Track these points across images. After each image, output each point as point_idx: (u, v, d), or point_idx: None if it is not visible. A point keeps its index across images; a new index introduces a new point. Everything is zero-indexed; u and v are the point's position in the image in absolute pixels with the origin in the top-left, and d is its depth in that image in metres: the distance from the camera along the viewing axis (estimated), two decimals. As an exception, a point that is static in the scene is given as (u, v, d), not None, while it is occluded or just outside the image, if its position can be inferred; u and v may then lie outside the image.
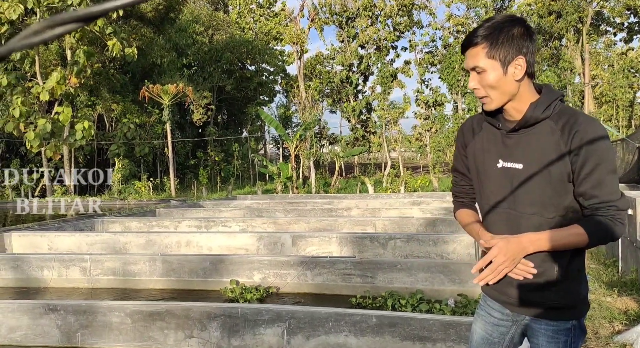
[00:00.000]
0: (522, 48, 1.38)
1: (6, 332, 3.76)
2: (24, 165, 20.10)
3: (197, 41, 24.80)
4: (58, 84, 15.25)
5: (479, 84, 1.43)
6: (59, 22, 0.27)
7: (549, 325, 1.47)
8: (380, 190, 15.39)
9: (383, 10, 26.85)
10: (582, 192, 1.38)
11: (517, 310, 1.52)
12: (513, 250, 1.38)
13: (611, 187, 1.37)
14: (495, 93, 1.41)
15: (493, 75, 1.39)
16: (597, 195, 1.36)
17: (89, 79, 16.46)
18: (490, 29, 1.39)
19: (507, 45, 1.37)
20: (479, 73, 1.41)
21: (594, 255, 5.83)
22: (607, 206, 1.36)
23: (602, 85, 24.19)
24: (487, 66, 1.39)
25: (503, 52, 1.37)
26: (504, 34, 1.37)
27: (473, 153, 1.58)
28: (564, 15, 23.72)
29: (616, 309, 3.86)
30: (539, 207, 1.43)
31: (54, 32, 0.28)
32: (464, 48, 1.45)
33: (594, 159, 1.35)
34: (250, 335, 3.45)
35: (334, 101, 30.01)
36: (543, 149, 1.40)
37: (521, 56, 1.38)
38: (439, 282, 4.82)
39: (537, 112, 1.40)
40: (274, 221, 8.02)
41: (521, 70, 1.39)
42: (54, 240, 6.94)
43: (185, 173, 24.16)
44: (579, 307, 1.48)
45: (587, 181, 1.36)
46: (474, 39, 1.41)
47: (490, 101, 1.43)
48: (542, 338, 1.49)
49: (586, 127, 1.36)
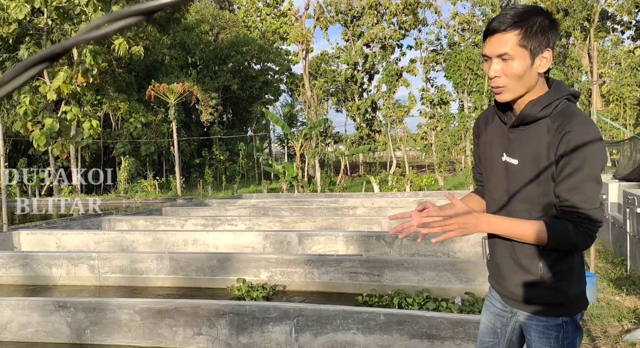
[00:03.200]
0: (551, 41, 1.36)
1: (17, 329, 3.79)
2: (31, 164, 20.24)
3: (203, 40, 24.85)
4: (65, 84, 15.34)
5: (502, 71, 1.36)
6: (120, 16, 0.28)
7: (539, 321, 1.48)
8: (385, 189, 15.38)
9: (388, 8, 26.80)
10: (557, 194, 1.36)
11: (510, 302, 1.55)
12: (468, 221, 1.38)
13: (587, 195, 1.32)
14: (516, 83, 1.37)
15: (520, 65, 1.34)
16: (569, 199, 1.33)
17: (96, 78, 16.55)
18: (522, 17, 1.33)
19: (540, 36, 1.33)
20: (505, 60, 1.35)
21: (601, 254, 5.80)
22: (577, 212, 1.33)
23: (610, 83, 24.04)
24: (517, 54, 1.33)
25: (535, 42, 1.33)
26: (538, 24, 1.33)
27: (484, 144, 1.60)
28: (571, 13, 23.57)
29: (625, 308, 3.85)
30: (529, 205, 1.43)
31: (114, 26, 0.28)
32: (491, 32, 1.37)
33: (575, 162, 1.31)
34: (259, 332, 3.46)
35: (339, 100, 29.98)
36: (536, 147, 1.40)
37: (549, 49, 1.36)
38: (445, 280, 4.81)
39: (534, 110, 1.39)
40: (280, 220, 8.03)
41: (547, 63, 1.36)
42: (62, 238, 6.99)
43: (190, 172, 24.23)
44: (570, 305, 1.46)
45: (563, 183, 1.34)
46: (503, 25, 1.34)
47: (507, 91, 1.39)
48: (534, 334, 1.50)
49: (577, 129, 1.33)
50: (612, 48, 26.59)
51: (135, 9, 0.28)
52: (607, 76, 24.63)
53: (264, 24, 28.88)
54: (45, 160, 19.99)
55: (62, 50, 0.29)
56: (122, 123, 22.20)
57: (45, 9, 15.69)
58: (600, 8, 24.02)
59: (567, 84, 23.02)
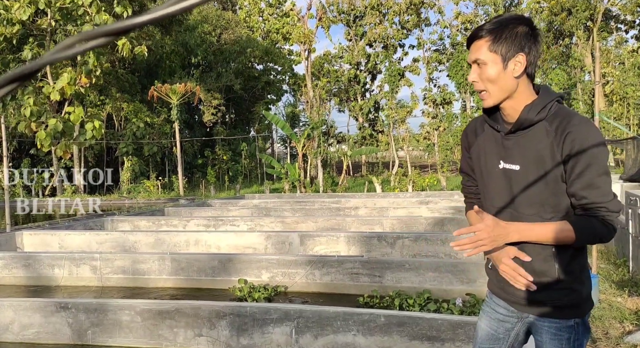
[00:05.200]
0: (524, 47, 1.41)
1: (19, 330, 3.81)
2: (35, 164, 20.32)
3: (205, 41, 24.89)
4: (68, 85, 15.40)
5: (478, 77, 1.45)
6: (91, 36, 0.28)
7: (552, 322, 1.49)
8: (388, 189, 15.36)
9: (391, 8, 26.77)
10: (572, 193, 1.40)
11: (521, 308, 1.55)
12: (497, 232, 1.40)
13: (602, 189, 1.38)
14: (493, 88, 1.43)
15: (493, 69, 1.41)
16: (587, 196, 1.38)
17: (99, 79, 16.60)
18: (495, 25, 1.42)
19: (510, 41, 1.40)
20: (480, 66, 1.44)
21: (604, 255, 5.78)
22: (597, 207, 1.38)
23: (613, 83, 23.94)
24: (488, 59, 1.41)
25: (505, 47, 1.40)
26: (508, 31, 1.40)
27: (477, 154, 1.61)
28: (575, 12, 23.49)
29: (627, 309, 3.83)
30: (537, 208, 1.45)
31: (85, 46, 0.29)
32: (469, 41, 1.48)
33: (584, 160, 1.36)
34: (259, 334, 3.47)
35: (341, 100, 29.98)
36: (538, 150, 1.42)
37: (522, 53, 1.40)
38: (447, 281, 4.80)
39: (532, 114, 1.42)
40: (282, 220, 8.04)
41: (520, 67, 1.41)
42: (65, 238, 7.02)
43: (193, 172, 24.28)
44: (582, 305, 1.49)
45: (577, 182, 1.38)
46: (479, 32, 1.44)
47: (488, 96, 1.46)
48: (545, 336, 1.51)
49: (578, 128, 1.37)
50: (615, 48, 26.48)
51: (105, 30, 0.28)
52: (611, 76, 24.53)
53: (267, 24, 28.90)
54: (49, 161, 20.07)
55: (33, 70, 0.29)
56: (125, 123, 22.26)
57: (48, 10, 15.75)
58: (604, 7, 23.93)
59: (570, 83, 22.99)
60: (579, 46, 24.34)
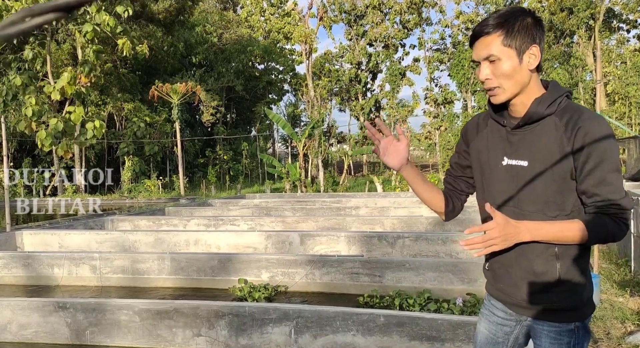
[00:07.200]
0: (536, 38, 1.37)
1: (17, 329, 3.80)
2: (36, 164, 20.33)
3: (206, 40, 24.88)
4: (69, 84, 15.39)
5: (492, 73, 1.39)
6: (37, 11, 0.26)
7: (551, 326, 1.45)
8: (389, 188, 15.34)
9: (392, 7, 26.73)
10: (584, 190, 1.35)
11: (519, 311, 1.51)
12: (508, 231, 1.35)
13: (614, 186, 1.33)
14: (509, 83, 1.38)
15: (509, 64, 1.36)
16: (599, 193, 1.33)
17: (100, 78, 16.59)
18: (503, 18, 1.36)
19: (523, 34, 1.35)
20: (493, 62, 1.38)
21: (605, 255, 5.75)
22: (609, 204, 1.33)
23: (615, 82, 23.87)
24: (503, 54, 1.36)
25: (519, 40, 1.35)
26: (519, 22, 1.35)
27: (477, 150, 1.56)
28: (576, 11, 23.41)
29: (628, 310, 3.80)
30: (541, 205, 1.40)
31: (32, 22, 0.26)
32: (474, 38, 1.41)
33: (596, 156, 1.32)
34: (258, 334, 3.45)
35: (342, 99, 29.95)
36: (547, 145, 1.38)
37: (535, 45, 1.36)
38: (447, 281, 4.78)
39: (541, 108, 1.38)
40: (282, 220, 8.02)
41: (535, 59, 1.37)
42: (65, 238, 7.01)
43: (194, 172, 24.28)
44: (583, 308, 1.45)
45: (589, 178, 1.34)
46: (485, 28, 1.38)
47: (502, 92, 1.40)
48: (545, 340, 1.46)
49: (590, 123, 1.33)
50: (617, 47, 26.41)
51: (53, 4, 0.26)
52: (612, 75, 24.47)
53: (268, 24, 28.88)
54: (50, 160, 20.08)
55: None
56: (126, 123, 22.27)
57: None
58: (605, 7, 23.86)
59: (572, 82, 22.92)
60: (581, 45, 24.27)
